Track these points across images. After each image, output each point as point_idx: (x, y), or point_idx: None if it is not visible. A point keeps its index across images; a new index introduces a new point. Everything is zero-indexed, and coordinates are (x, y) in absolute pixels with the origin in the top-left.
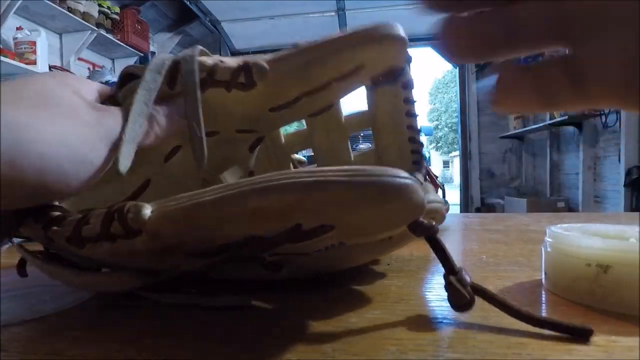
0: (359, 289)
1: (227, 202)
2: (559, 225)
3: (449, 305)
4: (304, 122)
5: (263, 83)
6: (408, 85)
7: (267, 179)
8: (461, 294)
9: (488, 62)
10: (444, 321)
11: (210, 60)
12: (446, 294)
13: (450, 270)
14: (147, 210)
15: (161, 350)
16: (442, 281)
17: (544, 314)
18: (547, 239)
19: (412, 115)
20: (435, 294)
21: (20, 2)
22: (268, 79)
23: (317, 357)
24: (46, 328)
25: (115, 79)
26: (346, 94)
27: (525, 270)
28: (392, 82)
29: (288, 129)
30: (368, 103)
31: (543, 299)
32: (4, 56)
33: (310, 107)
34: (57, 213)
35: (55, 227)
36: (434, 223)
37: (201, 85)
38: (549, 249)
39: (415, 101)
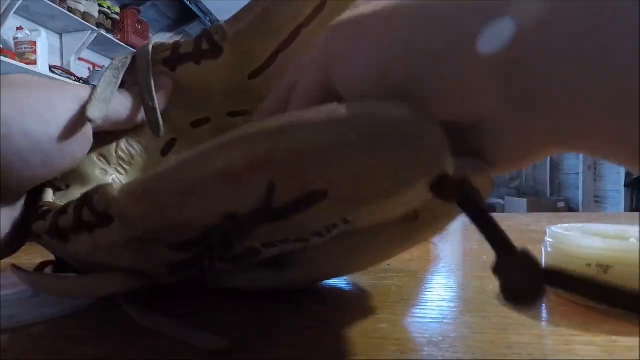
0: (358, 289)
1: (187, 166)
2: (559, 225)
3: (450, 308)
4: None
5: (229, 46)
6: None
7: (233, 131)
8: (528, 279)
9: None
10: (444, 321)
11: (171, 41)
12: (458, 292)
13: (505, 247)
14: (114, 191)
15: (162, 350)
16: (443, 281)
17: (544, 313)
18: (547, 239)
19: None
20: (436, 294)
21: (20, 2)
22: (231, 40)
23: (316, 356)
24: (46, 328)
25: (70, 82)
26: None
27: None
28: None
29: None
30: None
31: (544, 299)
32: (4, 56)
33: None
34: (45, 208)
35: (40, 222)
36: (472, 184)
37: (168, 62)
38: (549, 249)
39: None
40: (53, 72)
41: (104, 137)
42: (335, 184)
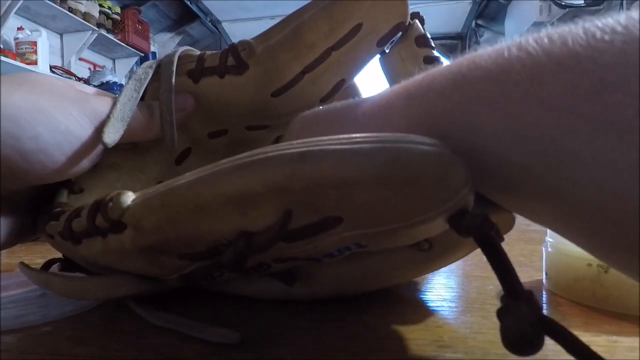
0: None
1: (202, 185)
2: None
3: (450, 308)
4: None
5: (255, 63)
6: (424, 41)
7: (251, 153)
8: (524, 329)
9: None
10: (444, 321)
11: (197, 52)
12: (458, 292)
13: (514, 291)
14: (128, 199)
15: (162, 351)
16: (443, 281)
17: (544, 313)
18: (548, 239)
19: None
20: (436, 294)
21: (21, 2)
22: (258, 57)
23: (317, 356)
24: (46, 328)
25: (115, 79)
26: (357, 68)
27: (526, 270)
28: (402, 39)
29: None
30: (385, 76)
31: (544, 299)
32: (4, 56)
33: (318, 87)
34: (58, 209)
35: (53, 222)
36: (492, 222)
37: (193, 74)
38: (549, 249)
39: (441, 60)
40: (54, 72)
41: (117, 147)
42: (352, 212)
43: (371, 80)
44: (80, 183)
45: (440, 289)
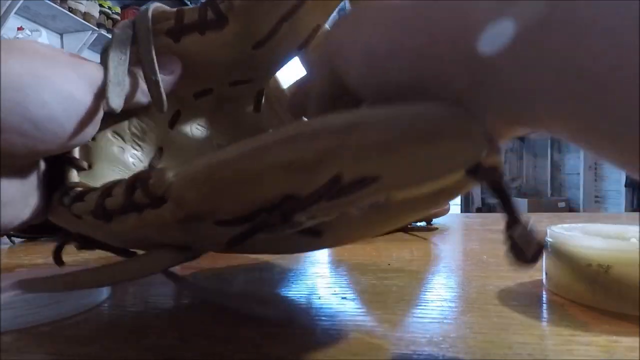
0: (359, 289)
1: (252, 157)
2: (559, 226)
3: (450, 308)
4: None
5: (234, 16)
6: None
7: (295, 126)
8: (532, 244)
9: None
10: (444, 321)
11: (174, 9)
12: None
13: (517, 217)
14: (169, 174)
15: (162, 351)
16: (443, 281)
17: (544, 313)
18: (548, 239)
19: None
20: (436, 294)
21: (21, 2)
22: (237, 10)
23: (317, 356)
24: (46, 328)
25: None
26: (331, 11)
27: (526, 270)
28: None
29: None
30: None
31: (544, 299)
32: None
33: (296, 34)
34: (79, 189)
35: (79, 203)
36: (498, 162)
37: (173, 33)
38: (549, 249)
39: None
40: None
41: (115, 116)
42: (391, 171)
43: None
44: (88, 158)
45: (440, 289)
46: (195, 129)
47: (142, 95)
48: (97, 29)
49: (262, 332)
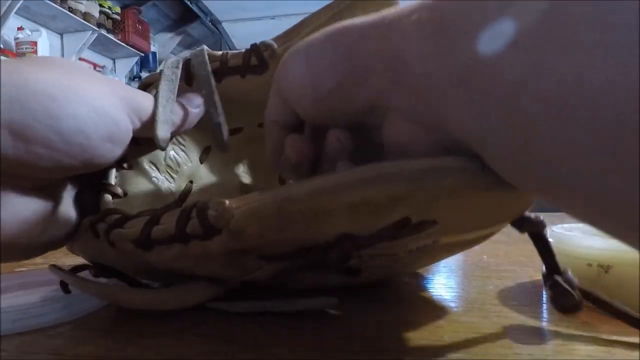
0: (359, 289)
1: (327, 195)
2: (560, 225)
3: (450, 308)
4: None
5: (275, 62)
6: None
7: (369, 168)
8: (570, 295)
9: None
10: (444, 321)
11: (219, 52)
12: (458, 292)
13: (556, 269)
14: (232, 206)
15: (162, 350)
16: (443, 281)
17: (545, 314)
18: (548, 239)
19: None
20: (436, 294)
21: (21, 2)
22: (278, 57)
23: (317, 356)
24: (47, 327)
25: (116, 78)
26: None
27: (526, 270)
28: None
29: None
30: None
31: (544, 299)
32: (5, 56)
33: None
34: (119, 215)
35: (119, 230)
36: (541, 217)
37: (216, 74)
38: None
39: None
40: None
41: (153, 145)
42: (449, 217)
43: None
44: (123, 186)
45: (440, 289)
46: (221, 166)
47: (181, 129)
48: (97, 29)
49: (262, 332)
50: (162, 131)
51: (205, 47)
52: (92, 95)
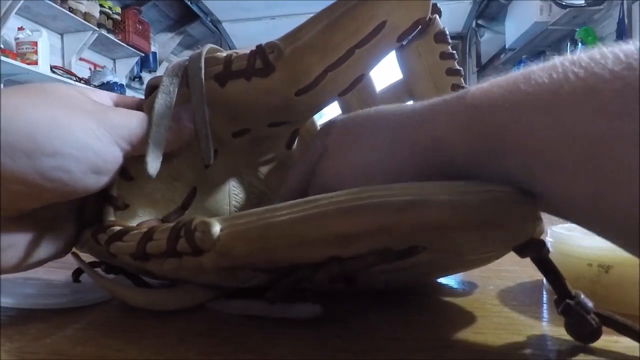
0: (358, 289)
1: (306, 224)
2: (560, 226)
3: (450, 308)
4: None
5: (282, 65)
6: (442, 37)
7: (352, 196)
8: (586, 321)
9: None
10: (444, 321)
11: (223, 53)
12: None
13: (567, 294)
14: (217, 229)
15: (162, 350)
16: (443, 281)
17: (545, 314)
18: (549, 239)
19: (455, 72)
20: (436, 294)
21: (21, 2)
22: (285, 59)
23: (317, 356)
24: (47, 327)
25: (116, 79)
26: (375, 63)
27: (526, 270)
28: (421, 34)
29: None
30: (401, 68)
31: (544, 299)
32: (5, 56)
33: (338, 83)
34: (118, 228)
35: (118, 243)
36: (544, 240)
37: (219, 78)
38: (550, 249)
39: (456, 56)
40: (54, 72)
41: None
42: (440, 244)
43: (382, 70)
44: (124, 198)
45: (441, 288)
46: (227, 170)
47: (180, 142)
48: (98, 29)
49: (262, 332)
50: (153, 156)
51: (207, 48)
52: (76, 131)
